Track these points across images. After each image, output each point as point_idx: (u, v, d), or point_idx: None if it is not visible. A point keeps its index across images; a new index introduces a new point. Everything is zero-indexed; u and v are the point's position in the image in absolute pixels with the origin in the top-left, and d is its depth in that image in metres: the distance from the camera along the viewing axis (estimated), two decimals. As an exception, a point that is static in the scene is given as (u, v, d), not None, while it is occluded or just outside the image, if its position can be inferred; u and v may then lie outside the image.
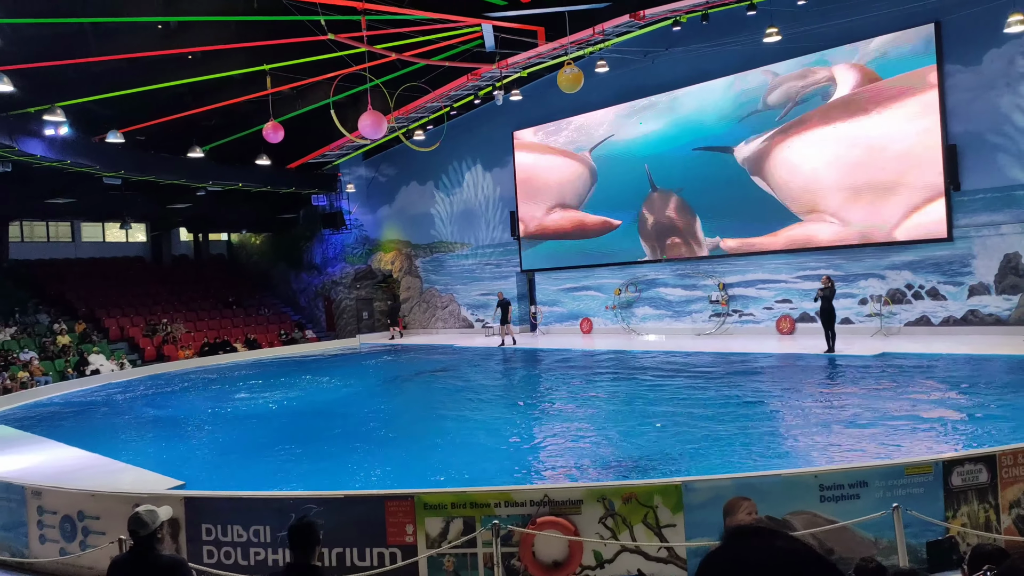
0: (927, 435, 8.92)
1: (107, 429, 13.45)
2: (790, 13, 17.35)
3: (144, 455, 10.66)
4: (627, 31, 19.59)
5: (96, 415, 15.49)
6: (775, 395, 12.16)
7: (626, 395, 13.45)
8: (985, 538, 5.42)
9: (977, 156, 16.53)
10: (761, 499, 5.45)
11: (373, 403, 14.87)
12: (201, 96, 21.16)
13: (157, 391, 18.41)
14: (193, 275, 32.31)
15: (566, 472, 8.54)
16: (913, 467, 5.58)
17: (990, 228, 16.48)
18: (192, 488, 7.87)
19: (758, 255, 20.10)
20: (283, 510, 6.00)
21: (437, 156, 26.19)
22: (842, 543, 5.34)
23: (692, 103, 21.16)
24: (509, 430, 11.33)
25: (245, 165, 25.73)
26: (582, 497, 5.68)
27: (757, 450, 8.80)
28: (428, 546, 5.74)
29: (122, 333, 25.38)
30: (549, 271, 25.30)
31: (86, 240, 31.40)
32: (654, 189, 21.95)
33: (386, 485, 8.22)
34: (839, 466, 6.00)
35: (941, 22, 16.74)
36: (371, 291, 31.57)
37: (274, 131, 17.60)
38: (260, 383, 18.74)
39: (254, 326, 28.72)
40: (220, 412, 14.58)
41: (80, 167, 21.43)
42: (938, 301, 17.26)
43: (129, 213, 28.88)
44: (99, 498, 6.83)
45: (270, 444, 11.29)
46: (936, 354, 14.49)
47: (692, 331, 21.34)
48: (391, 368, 21.10)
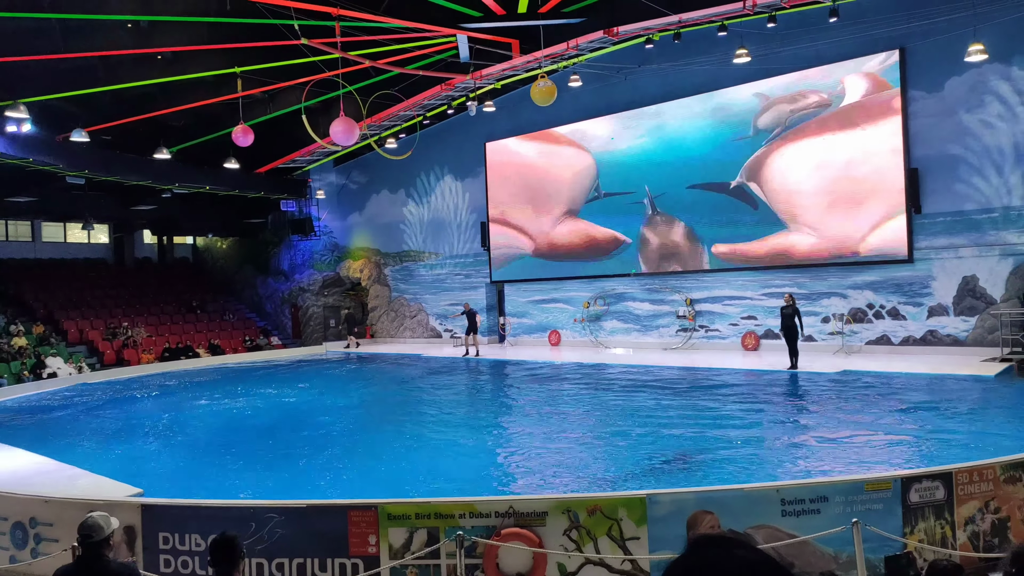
0: (886, 452, 9.08)
1: (63, 434, 13.12)
2: (759, 35, 17.68)
3: (101, 461, 10.41)
4: (601, 47, 19.80)
5: (52, 420, 15.10)
6: (739, 411, 12.28)
7: (592, 408, 13.49)
8: (941, 554, 5.53)
9: (938, 180, 16.96)
10: (724, 513, 5.48)
11: (337, 412, 14.71)
12: (170, 97, 20.86)
13: (116, 396, 18.02)
14: (156, 278, 31.73)
15: (531, 484, 8.53)
16: (872, 483, 5.68)
17: (949, 251, 16.89)
18: (150, 496, 7.69)
19: (724, 272, 20.35)
20: (243, 519, 5.89)
21: (409, 165, 26.14)
22: (802, 557, 5.40)
23: (670, 120, 21.39)
24: (475, 441, 11.29)
25: (213, 168, 25.39)
26: (547, 509, 5.67)
27: (720, 464, 8.87)
28: (391, 557, 5.68)
29: (81, 336, 24.81)
30: (518, 282, 25.35)
31: (46, 240, 30.67)
32: (656, 212, 21.81)
33: (349, 495, 8.13)
34: (800, 481, 6.08)
35: (906, 48, 17.19)
36: (339, 299, 31.30)
37: (244, 134, 17.40)
38: (222, 390, 18.44)
39: (218, 332, 28.28)
40: (180, 419, 14.30)
41: (42, 165, 20.98)
42: (898, 321, 17.62)
43: (92, 214, 28.31)
44: (53, 504, 6.65)
45: (231, 452, 11.11)
46: (896, 373, 14.78)
47: (659, 345, 21.50)
48: (357, 377, 20.91)
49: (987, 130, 16.32)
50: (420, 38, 18.19)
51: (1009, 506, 5.90)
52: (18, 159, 19.94)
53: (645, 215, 21.86)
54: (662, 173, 21.39)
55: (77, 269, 29.76)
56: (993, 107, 16.22)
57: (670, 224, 21.38)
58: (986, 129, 16.32)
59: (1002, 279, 16.25)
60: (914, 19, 16.64)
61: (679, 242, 21.21)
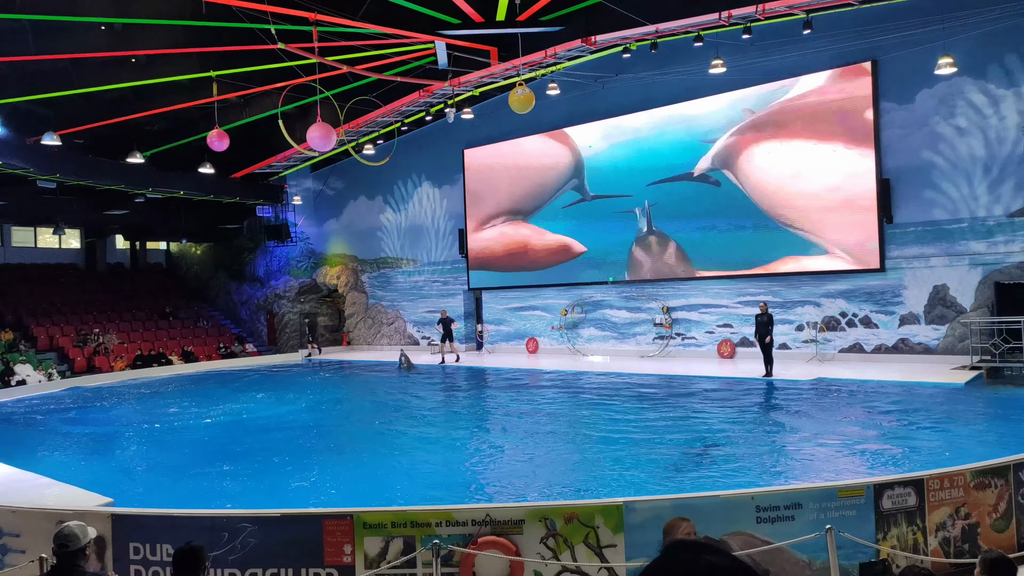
0: (859, 459, 9.18)
1: (32, 443, 12.86)
2: (735, 46, 17.88)
3: (71, 470, 10.22)
4: (579, 55, 19.90)
5: (21, 428, 14.80)
6: (714, 418, 12.36)
7: (569, 415, 13.50)
8: (913, 560, 5.59)
9: (909, 190, 17.24)
10: (700, 519, 5.52)
11: (312, 419, 14.58)
12: (144, 100, 20.63)
13: (86, 404, 17.71)
14: (128, 284, 31.30)
15: (508, 492, 8.50)
16: (846, 490, 5.74)
17: (920, 260, 17.16)
18: (120, 505, 7.56)
19: (700, 280, 20.52)
20: (215, 528, 5.81)
21: (386, 171, 26.08)
22: (777, 564, 5.44)
23: (645, 128, 21.55)
24: (451, 449, 11.24)
25: (188, 172, 25.11)
26: (524, 517, 5.66)
27: (696, 471, 8.92)
28: (367, 566, 5.63)
29: (51, 343, 24.37)
30: (496, 290, 25.34)
31: (16, 245, 30.14)
32: (651, 231, 21.71)
33: (324, 503, 8.05)
34: (775, 488, 6.12)
35: (878, 61, 17.48)
36: (315, 305, 31.08)
37: (219, 139, 17.23)
38: (195, 398, 18.20)
39: (191, 338, 27.93)
40: (152, 427, 14.09)
41: (12, 169, 20.61)
42: (871, 329, 17.86)
43: (63, 218, 27.87)
44: (21, 514, 6.50)
45: (203, 460, 10.95)
46: (868, 380, 14.97)
47: (636, 353, 21.59)
48: (332, 384, 20.74)
49: (957, 141, 16.62)
50: (398, 44, 18.18)
51: (979, 512, 5.98)
52: (-13, 162, 19.59)
53: (638, 229, 21.86)
54: (635, 179, 21.53)
55: (47, 274, 29.27)
56: (963, 119, 16.54)
57: (660, 239, 21.52)
58: (956, 140, 16.63)
59: (972, 288, 16.54)
60: (886, 32, 16.93)
61: (669, 253, 21.35)
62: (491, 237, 25.27)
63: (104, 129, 21.69)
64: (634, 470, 9.13)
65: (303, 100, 20.99)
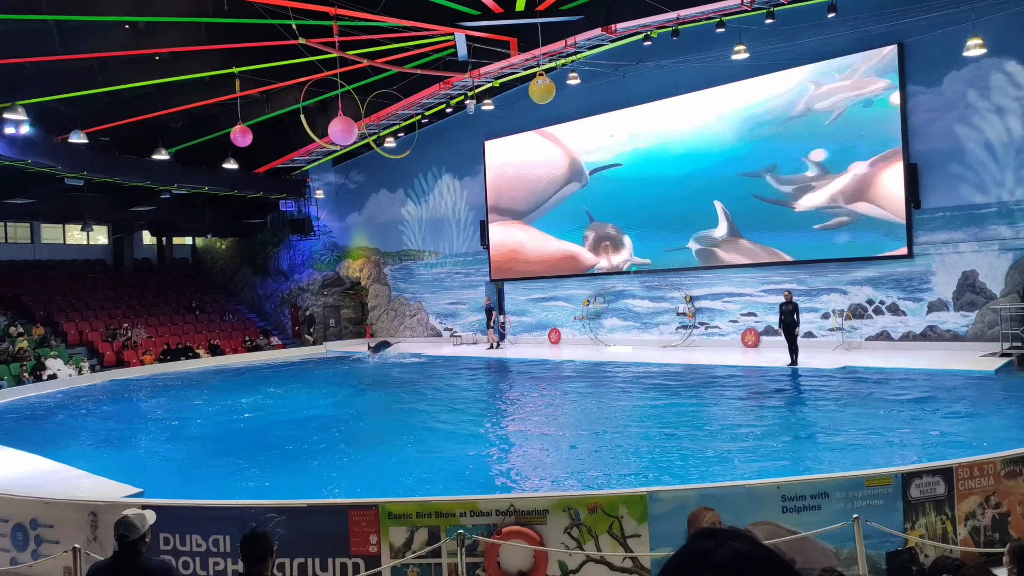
0: (886, 447, 9.08)
1: (64, 435, 13.12)
2: (758, 31, 17.66)
3: (102, 462, 10.41)
4: (599, 44, 19.79)
5: (53, 421, 15.10)
6: (740, 407, 12.28)
7: (594, 405, 13.48)
8: (942, 549, 5.53)
9: (937, 175, 16.95)
10: (724, 509, 5.51)
11: (338, 411, 14.71)
12: (168, 97, 20.84)
13: (116, 397, 18.01)
14: (155, 279, 31.72)
15: (532, 482, 8.53)
16: (873, 479, 5.68)
17: (949, 246, 16.89)
18: (150, 496, 7.69)
19: (724, 268, 20.35)
20: (243, 519, 5.89)
21: (408, 164, 26.14)
22: (803, 553, 5.40)
23: (670, 117, 21.39)
24: (475, 439, 11.28)
25: (212, 168, 25.39)
26: (548, 507, 5.67)
27: (721, 460, 8.88)
28: (392, 556, 5.68)
29: (81, 337, 24.80)
30: (518, 280, 25.33)
31: (46, 242, 30.65)
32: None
33: (350, 494, 8.13)
34: (801, 477, 6.07)
35: (904, 44, 17.17)
36: (339, 298, 31.30)
37: (242, 135, 17.38)
38: (222, 390, 18.44)
39: (218, 332, 28.27)
40: (180, 419, 14.31)
41: (41, 167, 20.95)
42: (898, 316, 17.62)
43: (91, 215, 28.25)
44: (53, 506, 6.65)
45: (231, 451, 11.10)
46: (896, 368, 14.78)
47: (659, 343, 21.50)
48: (358, 376, 20.91)
49: (987, 124, 16.30)
50: (418, 37, 18.18)
51: (1010, 501, 5.89)
52: (17, 161, 19.92)
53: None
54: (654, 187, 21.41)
55: (76, 270, 29.74)
56: (992, 101, 16.21)
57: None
58: (986, 123, 16.31)
59: (1002, 274, 16.25)
60: (912, 14, 16.62)
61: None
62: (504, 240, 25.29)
63: (129, 127, 21.96)
64: (660, 458, 9.10)
65: (325, 94, 21.08)
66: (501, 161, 25.46)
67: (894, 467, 6.00)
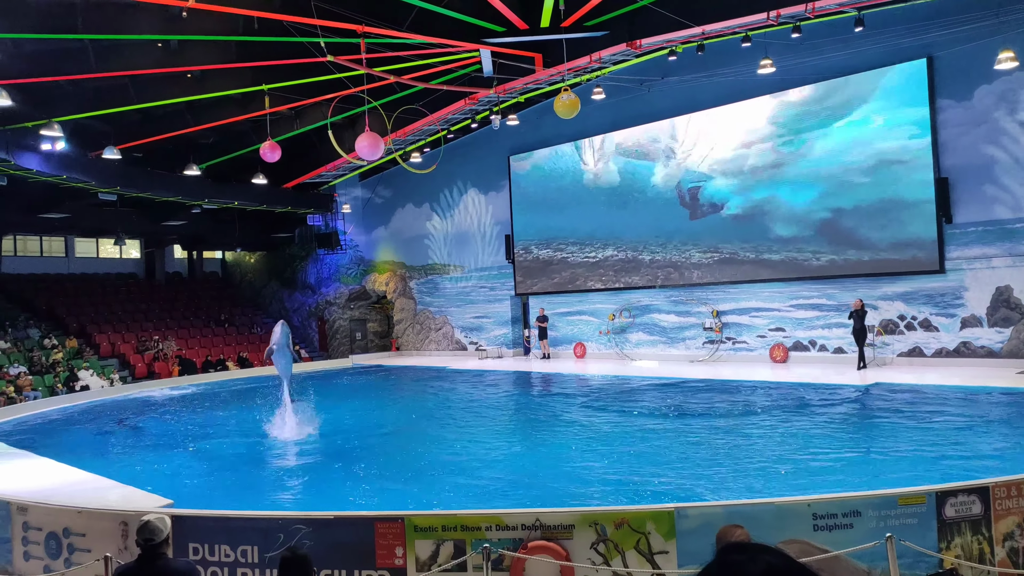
0: (919, 466, 8.90)
1: (96, 446, 13.31)
2: (784, 46, 17.59)
3: (132, 473, 10.54)
4: (623, 59, 19.82)
5: (85, 432, 15.33)
6: (767, 423, 12.13)
7: (621, 420, 13.40)
8: (979, 571, 5.40)
9: (969, 190, 16.70)
10: (754, 527, 5.41)
11: (364, 423, 14.77)
12: (199, 114, 21.24)
13: (147, 409, 18.25)
14: (186, 293, 32.19)
15: (558, 496, 8.48)
16: (906, 497, 5.57)
17: (982, 261, 16.59)
18: (180, 507, 7.77)
19: (751, 283, 20.18)
20: (270, 530, 5.93)
21: (433, 179, 26.32)
22: (835, 572, 5.30)
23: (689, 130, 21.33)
24: (501, 452, 11.26)
25: (241, 184, 25.78)
26: (574, 522, 5.63)
27: (749, 477, 8.76)
28: (418, 569, 5.67)
29: (113, 349, 25.21)
30: (543, 295, 25.32)
31: (79, 256, 31.28)
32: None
33: (376, 506, 8.14)
34: (832, 495, 5.97)
35: (933, 57, 16.99)
36: (365, 312, 31.51)
37: (271, 150, 17.64)
38: (251, 401, 18.59)
39: (247, 345, 28.57)
40: (210, 430, 14.45)
41: (75, 182, 21.42)
42: (931, 332, 17.32)
43: (123, 229, 28.83)
44: (86, 515, 6.74)
45: (260, 462, 11.19)
46: (928, 385, 14.51)
47: (686, 357, 21.33)
48: (385, 388, 20.98)
49: (1020, 137, 16.04)
50: (444, 53, 18.35)
51: (1049, 521, 5.74)
52: (53, 176, 20.40)
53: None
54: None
55: (109, 284, 30.29)
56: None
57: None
58: (1019, 136, 16.05)
59: (1037, 289, 15.92)
60: (940, 27, 16.45)
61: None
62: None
63: (161, 143, 22.39)
64: (688, 475, 9.01)
65: (351, 111, 21.33)
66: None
67: (928, 485, 5.88)
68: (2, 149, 18.09)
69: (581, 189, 23.94)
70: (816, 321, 18.99)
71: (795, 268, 19.24)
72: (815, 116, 18.85)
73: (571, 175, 24.22)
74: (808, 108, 18.97)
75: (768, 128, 19.68)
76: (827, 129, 18.64)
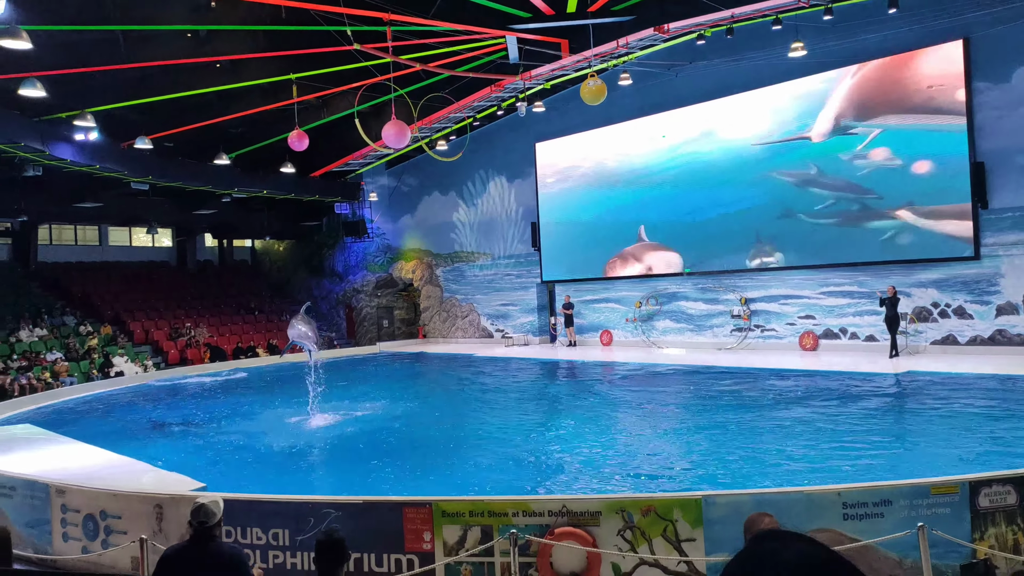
0: (953, 455, 8.77)
1: (130, 430, 13.59)
2: (816, 28, 17.28)
3: (166, 457, 10.76)
4: (651, 44, 19.63)
5: (120, 416, 15.65)
6: (797, 411, 12.01)
7: (651, 408, 13.36)
8: (1015, 562, 5.32)
9: (1006, 174, 16.32)
10: (782, 515, 5.37)
11: (393, 408, 14.89)
12: (228, 104, 21.45)
13: (180, 394, 18.58)
14: (216, 281, 32.64)
15: (585, 483, 8.49)
16: (939, 487, 5.49)
17: (1019, 247, 16.23)
18: (212, 490, 7.91)
19: (781, 270, 19.95)
20: (301, 514, 6.03)
21: (459, 166, 26.35)
22: (865, 562, 5.26)
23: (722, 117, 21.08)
24: (529, 439, 11.29)
25: (270, 173, 26.03)
26: (600, 509, 5.64)
27: (778, 465, 8.70)
28: (446, 554, 5.73)
29: (146, 336, 25.67)
30: (569, 282, 25.27)
31: (113, 244, 31.85)
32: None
33: (404, 491, 8.22)
34: (863, 484, 5.91)
35: (970, 39, 16.59)
36: (392, 299, 31.72)
37: (299, 139, 17.77)
38: (281, 387, 18.85)
39: (276, 332, 28.90)
40: (242, 415, 14.67)
41: (108, 172, 21.79)
42: (965, 320, 17.01)
43: (155, 218, 29.29)
44: (121, 498, 6.90)
45: (291, 447, 11.34)
46: (963, 373, 14.26)
47: (713, 345, 21.19)
48: (414, 374, 21.14)
49: (1059, 120, 15.63)
50: (470, 40, 18.31)
51: (1087, 512, 5.63)
52: (86, 166, 20.76)
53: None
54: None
55: (142, 272, 30.82)
56: (1066, 96, 15.54)
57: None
58: (1058, 119, 15.64)
59: (1076, 276, 15.55)
60: (977, 7, 16.05)
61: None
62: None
63: (191, 133, 22.66)
64: (717, 463, 8.98)
65: (378, 99, 21.40)
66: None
67: (961, 475, 5.79)
68: (37, 140, 18.44)
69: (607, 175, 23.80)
70: (847, 309, 18.73)
71: (826, 255, 18.97)
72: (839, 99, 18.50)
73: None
74: (839, 91, 18.62)
75: (798, 112, 19.36)
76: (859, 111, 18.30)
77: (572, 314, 24.47)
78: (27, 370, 20.03)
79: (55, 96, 17.12)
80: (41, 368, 20.33)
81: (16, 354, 21.11)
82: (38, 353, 21.49)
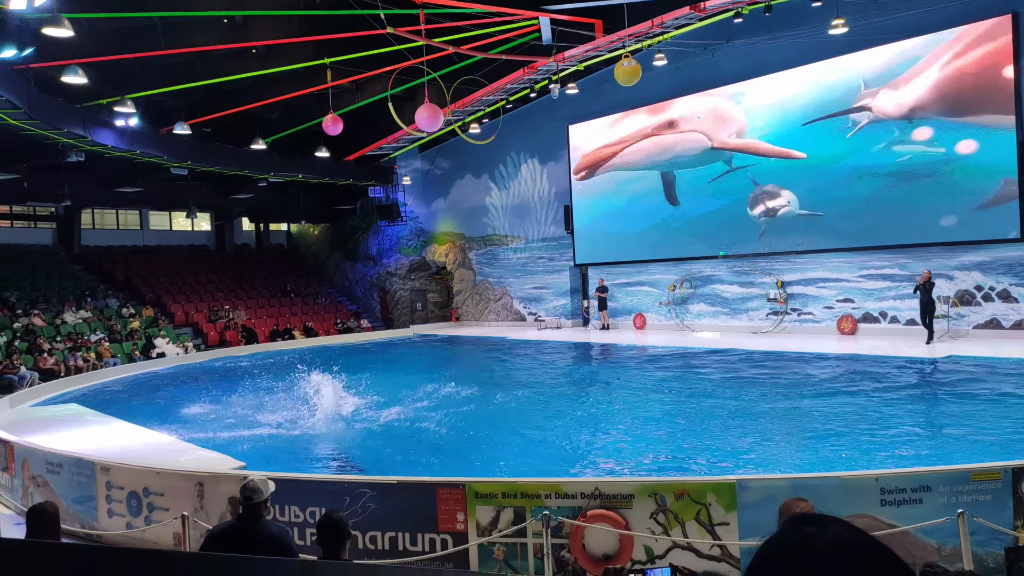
0: (995, 441, 8.59)
1: (172, 410, 13.91)
2: (857, 4, 16.83)
3: (207, 436, 11.00)
4: (687, 23, 19.30)
5: (162, 396, 16.03)
6: (837, 396, 11.85)
7: (685, 391, 13.29)
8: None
9: (1056, 153, 15.79)
10: (818, 501, 5.31)
11: (429, 389, 15.00)
12: (264, 89, 21.66)
13: (220, 375, 18.94)
14: (254, 264, 33.15)
15: (618, 466, 8.50)
16: (980, 473, 5.38)
17: (1068, 228, 15.73)
18: (252, 469, 8.08)
19: (818, 252, 19.61)
20: (338, 493, 6.13)
21: (492, 149, 26.30)
22: (903, 548, 5.19)
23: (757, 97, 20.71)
24: (563, 422, 11.32)
25: (305, 157, 26.29)
26: (633, 492, 5.65)
27: (817, 451, 8.61)
28: (479, 534, 5.79)
29: (187, 318, 26.21)
30: (602, 265, 25.15)
31: (153, 228, 32.49)
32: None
33: (438, 472, 8.31)
34: (901, 470, 5.82)
35: (1019, 13, 16.02)
36: (425, 282, 31.92)
37: (333, 124, 17.90)
38: (320, 369, 19.08)
39: (311, 315, 29.31)
40: (281, 396, 14.91)
41: (148, 157, 22.18)
42: (1009, 303, 16.58)
43: (194, 203, 29.79)
44: (163, 475, 7.08)
45: (327, 427, 11.52)
46: (1006, 358, 13.92)
47: (748, 329, 20.96)
48: (448, 357, 21.27)
49: (1113, 97, 15.06)
50: (503, 22, 18.20)
51: None
52: (127, 152, 21.15)
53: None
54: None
55: (182, 255, 31.42)
56: (1121, 72, 14.95)
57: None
58: (1112, 96, 15.07)
59: None
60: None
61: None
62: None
63: (228, 118, 22.95)
64: (752, 446, 8.91)
65: (411, 82, 21.42)
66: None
67: (1004, 461, 5.67)
68: (79, 126, 18.82)
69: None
70: (887, 292, 18.37)
71: (866, 237, 18.58)
72: (888, 79, 18.03)
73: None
74: (885, 70, 18.14)
75: (838, 91, 18.92)
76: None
77: (606, 297, 24.38)
78: (75, 351, 20.60)
79: (96, 83, 17.44)
80: (86, 349, 20.89)
81: (61, 336, 21.71)
82: (82, 335, 22.07)
